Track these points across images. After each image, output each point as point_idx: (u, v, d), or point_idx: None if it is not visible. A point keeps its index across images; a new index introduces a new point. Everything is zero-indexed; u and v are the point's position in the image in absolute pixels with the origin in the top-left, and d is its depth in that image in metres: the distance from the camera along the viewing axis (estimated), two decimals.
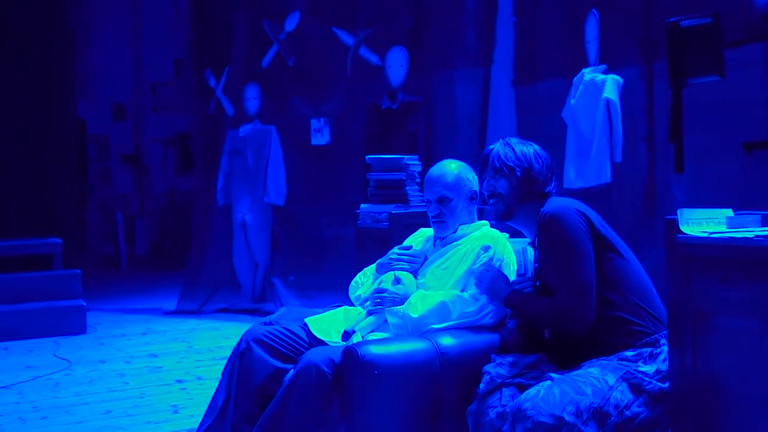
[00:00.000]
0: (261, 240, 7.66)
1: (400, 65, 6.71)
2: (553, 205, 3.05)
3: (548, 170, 3.17)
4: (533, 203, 3.12)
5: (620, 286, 3.00)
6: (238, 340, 3.41)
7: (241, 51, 7.79)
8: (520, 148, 3.17)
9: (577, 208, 3.03)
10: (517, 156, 3.15)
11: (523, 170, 3.12)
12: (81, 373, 5.47)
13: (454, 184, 3.41)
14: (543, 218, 3.01)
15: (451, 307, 3.18)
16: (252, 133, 7.60)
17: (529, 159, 3.15)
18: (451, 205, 3.41)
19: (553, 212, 2.99)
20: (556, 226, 2.97)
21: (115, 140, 14.11)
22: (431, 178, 3.45)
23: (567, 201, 3.11)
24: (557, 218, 2.98)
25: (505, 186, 3.14)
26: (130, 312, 8.05)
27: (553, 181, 3.19)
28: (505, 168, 3.13)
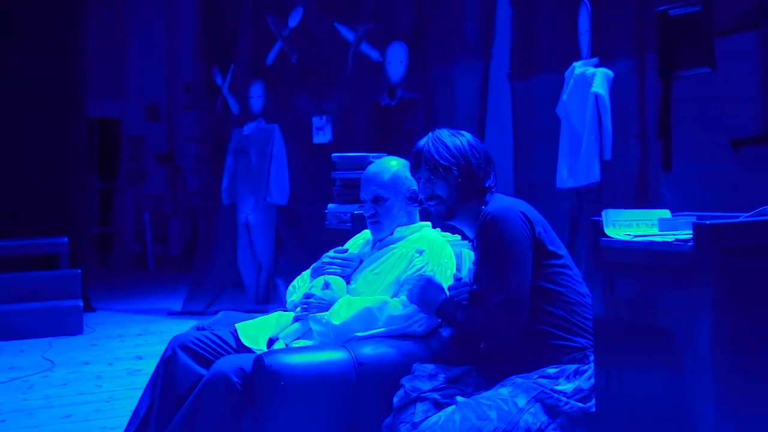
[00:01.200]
0: (265, 240, 7.53)
1: (400, 61, 6.51)
2: (496, 205, 2.83)
3: (486, 163, 2.94)
4: (474, 200, 2.90)
5: (554, 297, 2.78)
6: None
7: (246, 48, 7.67)
8: (453, 142, 2.94)
9: (521, 210, 2.80)
10: (451, 152, 2.92)
11: (461, 168, 2.90)
12: (59, 375, 5.38)
13: (390, 182, 3.21)
14: (484, 219, 2.79)
15: (377, 314, 2.98)
16: (256, 132, 7.47)
17: (465, 153, 2.91)
18: (387, 205, 3.20)
19: (495, 213, 2.78)
20: (495, 228, 2.75)
21: (149, 140, 14.14)
22: (367, 176, 3.26)
23: (511, 201, 2.89)
24: (497, 220, 2.76)
25: (443, 187, 2.91)
26: (136, 312, 7.98)
27: (492, 175, 2.96)
28: (440, 168, 2.90)
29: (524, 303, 2.71)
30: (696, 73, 4.34)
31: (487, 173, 2.93)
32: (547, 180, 5.41)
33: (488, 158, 2.96)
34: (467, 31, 6.21)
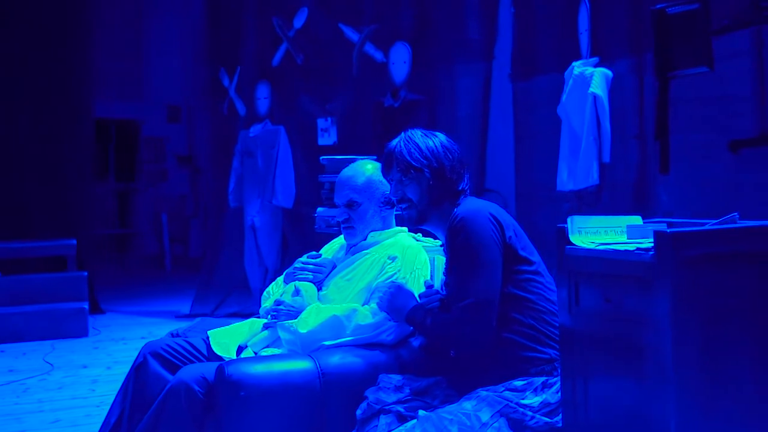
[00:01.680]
0: (270, 243, 7.48)
1: (403, 62, 6.43)
2: (466, 207, 2.74)
3: (460, 165, 2.86)
4: (446, 204, 2.82)
5: (523, 305, 2.69)
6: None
7: (253, 49, 7.62)
8: (425, 143, 2.86)
9: (491, 212, 2.72)
10: (423, 153, 2.83)
11: (433, 170, 2.81)
12: (56, 379, 5.36)
13: (363, 187, 3.14)
14: (452, 221, 2.71)
15: (345, 322, 2.91)
16: (262, 134, 7.42)
17: (438, 155, 2.83)
18: (361, 210, 3.13)
19: (464, 215, 2.69)
20: (463, 230, 2.67)
21: (170, 142, 14.15)
22: (341, 180, 3.19)
23: (481, 204, 2.80)
24: (466, 222, 2.68)
25: (415, 190, 2.83)
26: (144, 315, 7.96)
27: (465, 177, 2.87)
28: (412, 170, 2.82)
29: (493, 308, 2.62)
30: (694, 72, 4.22)
31: (460, 176, 2.85)
32: (548, 182, 5.31)
33: (462, 160, 2.88)
34: (469, 31, 6.12)
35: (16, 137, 8.05)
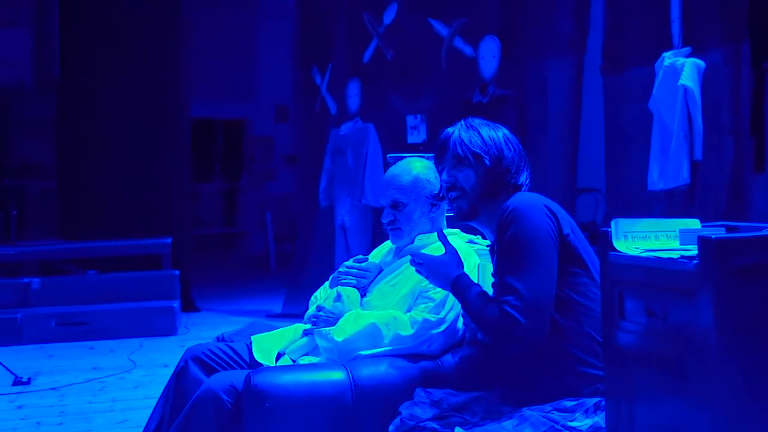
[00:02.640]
0: (360, 243, 7.34)
1: (492, 56, 6.20)
2: (519, 198, 2.48)
3: (520, 158, 2.61)
4: (501, 198, 2.57)
5: (578, 311, 2.44)
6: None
7: (344, 46, 7.51)
8: (488, 132, 2.63)
9: (547, 204, 2.47)
10: (484, 141, 2.60)
11: (493, 158, 2.57)
12: (134, 377, 5.37)
13: (410, 186, 2.95)
14: (503, 213, 2.45)
15: (383, 331, 2.73)
16: (352, 132, 7.31)
17: (499, 145, 2.59)
18: (407, 210, 2.94)
19: (517, 206, 2.43)
20: (517, 222, 2.41)
21: (278, 141, 14.25)
22: (386, 179, 3.01)
23: (535, 195, 2.54)
24: (520, 214, 2.41)
25: (470, 178, 2.59)
26: (237, 314, 7.96)
27: (525, 172, 2.63)
28: (470, 156, 2.58)
29: (546, 313, 2.37)
30: None
31: (519, 169, 2.61)
32: (639, 181, 4.99)
33: (522, 154, 2.63)
34: (561, 23, 5.83)
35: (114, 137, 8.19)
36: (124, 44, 8.15)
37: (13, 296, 6.91)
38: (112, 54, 8.11)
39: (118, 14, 8.13)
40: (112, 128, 8.15)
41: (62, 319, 6.70)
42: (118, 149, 8.15)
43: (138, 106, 8.17)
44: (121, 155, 8.15)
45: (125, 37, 8.13)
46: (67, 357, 6.07)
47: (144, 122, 8.18)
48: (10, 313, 6.71)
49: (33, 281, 7.00)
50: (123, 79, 8.14)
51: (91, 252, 7.56)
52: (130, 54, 8.15)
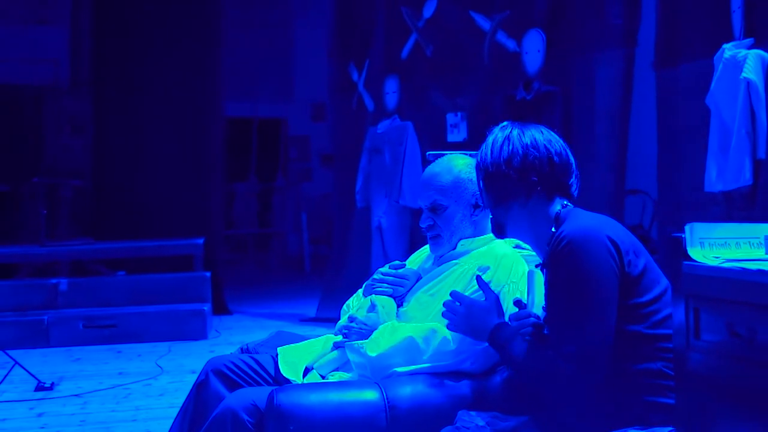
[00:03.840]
0: (397, 245, 7.08)
1: (537, 50, 5.89)
2: (576, 226, 2.18)
3: (549, 163, 2.27)
4: (516, 209, 2.30)
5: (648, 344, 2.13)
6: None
7: (381, 42, 7.25)
8: (495, 138, 2.34)
9: (608, 233, 2.16)
10: (498, 154, 2.30)
11: (495, 163, 2.29)
12: (161, 384, 5.15)
13: (451, 187, 2.67)
14: (558, 243, 2.17)
15: (422, 346, 2.47)
16: (390, 130, 7.04)
17: (515, 157, 2.27)
18: (447, 214, 2.67)
19: (573, 237, 2.14)
20: (571, 257, 2.13)
21: (315, 140, 14.05)
22: (424, 178, 2.74)
23: (594, 221, 2.23)
24: (577, 247, 2.13)
25: (487, 195, 2.36)
26: (270, 317, 7.74)
27: (572, 177, 2.31)
28: (480, 162, 2.36)
29: (600, 361, 2.10)
30: None
31: (541, 174, 2.27)
32: (695, 183, 4.68)
33: (552, 159, 2.28)
34: (610, 14, 5.51)
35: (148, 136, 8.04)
36: (159, 43, 8.01)
37: (40, 297, 6.74)
38: (148, 53, 7.97)
39: (153, 12, 7.97)
40: (147, 127, 8.01)
41: (90, 322, 6.51)
42: (152, 148, 8.00)
43: (173, 105, 8.01)
44: (155, 154, 7.99)
45: (161, 36, 7.99)
46: (93, 361, 5.87)
47: (179, 121, 8.01)
48: (38, 314, 6.54)
49: (61, 282, 6.82)
50: (158, 78, 7.99)
51: (120, 252, 7.38)
52: (165, 53, 8.00)
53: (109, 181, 8.30)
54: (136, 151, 8.11)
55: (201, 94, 8.06)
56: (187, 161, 8.05)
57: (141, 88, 8.08)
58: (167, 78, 7.99)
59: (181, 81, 7.99)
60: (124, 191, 8.14)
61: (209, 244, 7.64)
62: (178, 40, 7.99)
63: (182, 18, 8.01)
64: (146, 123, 8.05)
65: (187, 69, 8.00)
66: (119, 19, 8.22)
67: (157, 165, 8.00)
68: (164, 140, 8.02)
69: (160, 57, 8.02)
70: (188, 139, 8.05)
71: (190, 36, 8.01)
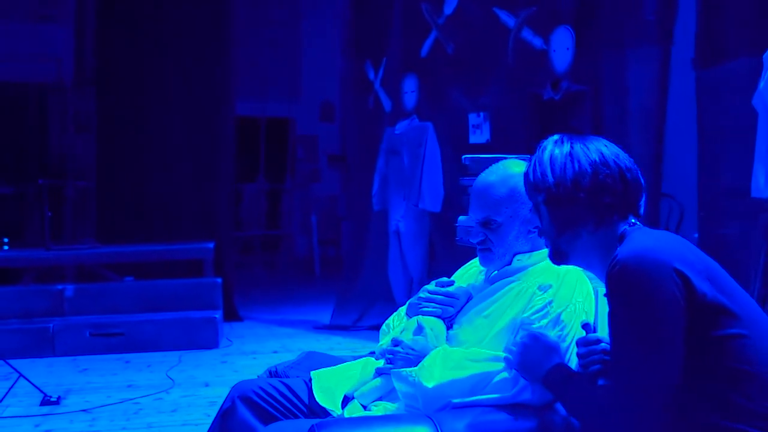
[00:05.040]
0: (416, 250, 6.83)
1: (566, 48, 5.63)
2: (632, 247, 1.89)
3: (615, 182, 1.98)
4: (585, 236, 2.01)
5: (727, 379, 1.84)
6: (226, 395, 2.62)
7: (400, 39, 7.00)
8: (552, 153, 2.03)
9: (672, 257, 1.86)
10: (542, 169, 2.02)
11: (556, 187, 2.00)
12: (173, 399, 4.89)
13: (506, 200, 2.38)
14: (612, 268, 1.89)
15: (479, 374, 2.20)
16: (408, 131, 6.79)
17: (579, 165, 1.98)
18: (501, 231, 2.38)
19: (628, 261, 1.86)
20: (625, 283, 1.85)
21: (323, 140, 13.81)
22: (476, 189, 2.45)
23: (655, 242, 1.92)
24: (630, 272, 1.85)
25: (543, 217, 2.07)
26: (282, 324, 7.48)
27: (626, 198, 2.00)
28: (539, 183, 2.04)
29: (658, 399, 1.83)
30: None
31: (616, 196, 1.98)
32: (740, 188, 4.42)
33: (625, 176, 2.00)
34: (644, 10, 5.25)
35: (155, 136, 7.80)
36: (166, 40, 7.77)
37: (45, 304, 6.50)
38: (155, 50, 7.73)
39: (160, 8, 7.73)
40: (153, 126, 7.75)
41: (97, 330, 6.25)
42: (159, 148, 7.75)
43: (181, 104, 7.76)
44: (162, 154, 7.74)
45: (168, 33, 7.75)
46: (101, 372, 5.62)
47: (187, 120, 7.76)
48: (43, 322, 6.29)
49: (67, 288, 6.57)
50: (165, 76, 7.75)
51: (128, 256, 7.12)
52: (172, 50, 7.76)
53: (114, 181, 8.04)
54: (143, 151, 7.86)
55: (211, 92, 7.80)
56: (195, 161, 7.79)
57: (148, 86, 7.83)
58: (175, 76, 7.74)
59: (189, 79, 7.74)
60: (130, 192, 7.89)
61: (219, 247, 7.40)
62: (186, 36, 7.74)
63: (190, 14, 7.77)
64: (153, 122, 7.80)
65: (196, 67, 7.76)
66: (125, 16, 7.97)
67: (165, 165, 7.75)
68: (172, 140, 7.77)
69: (168, 54, 7.77)
70: (197, 138, 7.79)
71: (199, 33, 7.76)
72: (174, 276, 7.05)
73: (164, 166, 7.74)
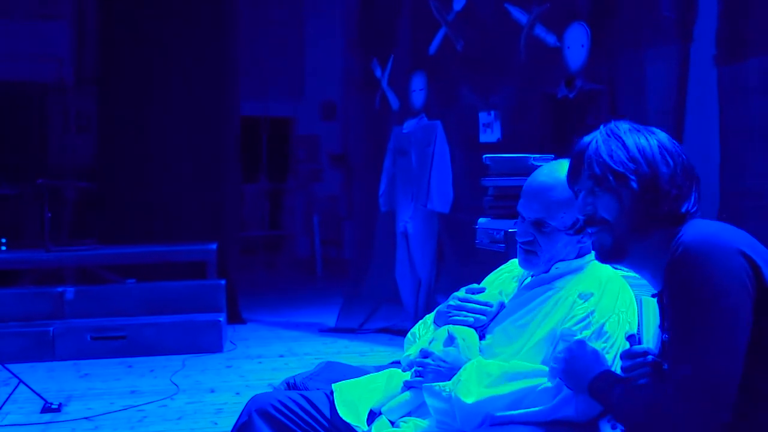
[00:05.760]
0: (424, 252, 6.68)
1: (581, 45, 5.49)
2: (696, 232, 1.78)
3: (686, 178, 1.88)
4: (659, 232, 1.87)
5: None
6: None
7: (407, 36, 6.85)
8: (635, 141, 1.90)
9: (739, 244, 1.75)
10: (630, 154, 1.88)
11: (642, 179, 1.86)
12: (178, 406, 4.74)
13: (563, 203, 2.22)
14: (675, 253, 1.76)
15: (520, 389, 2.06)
16: (417, 130, 6.65)
17: (653, 160, 1.86)
18: (552, 234, 2.24)
19: (693, 246, 1.74)
20: (688, 265, 1.73)
21: (324, 140, 13.68)
22: (532, 187, 2.29)
23: (721, 227, 1.83)
24: (699, 257, 1.73)
25: (611, 205, 1.89)
26: (287, 327, 7.33)
27: (693, 195, 1.89)
28: (610, 175, 1.88)
29: (725, 389, 1.68)
30: None
31: (682, 193, 1.87)
32: (763, 188, 4.28)
33: (689, 171, 1.89)
34: (662, 6, 5.10)
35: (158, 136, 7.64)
36: (168, 38, 7.60)
37: (46, 307, 6.34)
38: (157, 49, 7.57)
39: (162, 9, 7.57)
40: (155, 126, 7.60)
41: (98, 333, 6.10)
42: (161, 148, 7.60)
43: (184, 103, 7.59)
44: (165, 154, 7.59)
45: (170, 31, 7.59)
46: (103, 377, 5.47)
47: (189, 120, 7.61)
48: (43, 325, 6.13)
49: (67, 290, 6.42)
50: (168, 75, 7.60)
51: (130, 258, 6.97)
52: (175, 49, 7.60)
53: (115, 182, 7.88)
54: (144, 152, 7.69)
55: (213, 92, 7.65)
56: (198, 162, 7.63)
57: (149, 85, 7.67)
58: (177, 76, 7.59)
59: (191, 79, 7.59)
60: (131, 193, 7.72)
61: (222, 249, 7.24)
62: (188, 36, 7.59)
63: (193, 13, 7.61)
64: (155, 122, 7.63)
65: (199, 66, 7.60)
66: (126, 15, 7.80)
67: (167, 166, 7.60)
68: (174, 140, 7.61)
69: (170, 54, 7.61)
70: (200, 138, 7.63)
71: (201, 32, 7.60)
72: (177, 278, 6.90)
73: (166, 166, 7.59)
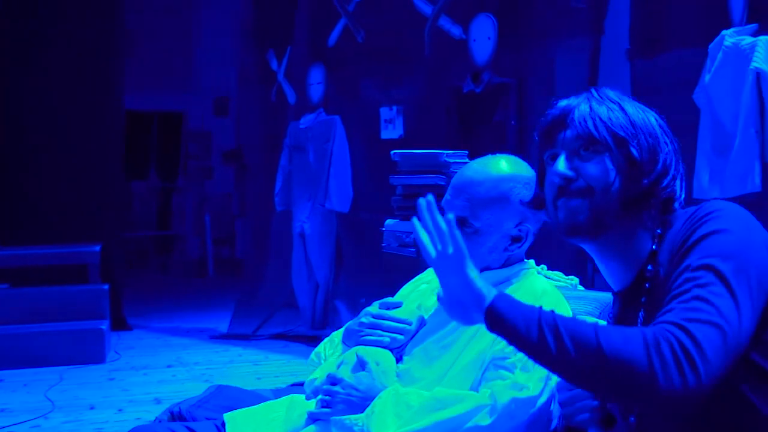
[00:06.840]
0: (322, 254, 6.36)
1: (487, 38, 5.26)
2: (720, 201, 1.53)
3: (678, 161, 1.61)
4: (647, 214, 1.56)
5: None
6: None
7: (306, 27, 6.53)
8: (634, 109, 1.59)
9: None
10: (631, 120, 1.56)
11: (642, 148, 1.56)
12: (52, 426, 4.29)
13: (492, 202, 1.93)
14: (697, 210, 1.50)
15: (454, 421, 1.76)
16: (315, 125, 6.31)
17: (653, 131, 1.57)
18: (477, 238, 1.93)
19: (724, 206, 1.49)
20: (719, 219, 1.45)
21: (217, 136, 13.20)
22: (461, 182, 1.98)
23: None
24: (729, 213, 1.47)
25: (602, 168, 1.56)
26: (176, 333, 6.91)
27: (681, 182, 1.60)
28: (609, 138, 1.56)
29: (731, 361, 1.36)
30: None
31: (677, 179, 1.60)
32: None
33: (679, 154, 1.62)
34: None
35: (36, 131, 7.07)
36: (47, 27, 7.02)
37: None
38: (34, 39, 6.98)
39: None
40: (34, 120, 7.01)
41: None
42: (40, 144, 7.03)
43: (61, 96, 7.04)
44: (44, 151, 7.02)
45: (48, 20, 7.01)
46: None
47: (71, 113, 7.06)
48: None
49: None
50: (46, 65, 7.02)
51: (2, 262, 6.40)
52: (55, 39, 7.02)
53: None
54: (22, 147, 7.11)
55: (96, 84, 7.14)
56: (79, 158, 7.10)
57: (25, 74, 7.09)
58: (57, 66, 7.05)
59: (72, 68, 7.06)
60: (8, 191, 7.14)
61: (106, 250, 6.75)
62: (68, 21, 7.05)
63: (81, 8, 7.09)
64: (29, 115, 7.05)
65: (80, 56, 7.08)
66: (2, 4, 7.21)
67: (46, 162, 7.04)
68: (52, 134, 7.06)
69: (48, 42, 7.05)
70: (81, 132, 7.11)
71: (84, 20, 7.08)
72: (55, 283, 6.39)
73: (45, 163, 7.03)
